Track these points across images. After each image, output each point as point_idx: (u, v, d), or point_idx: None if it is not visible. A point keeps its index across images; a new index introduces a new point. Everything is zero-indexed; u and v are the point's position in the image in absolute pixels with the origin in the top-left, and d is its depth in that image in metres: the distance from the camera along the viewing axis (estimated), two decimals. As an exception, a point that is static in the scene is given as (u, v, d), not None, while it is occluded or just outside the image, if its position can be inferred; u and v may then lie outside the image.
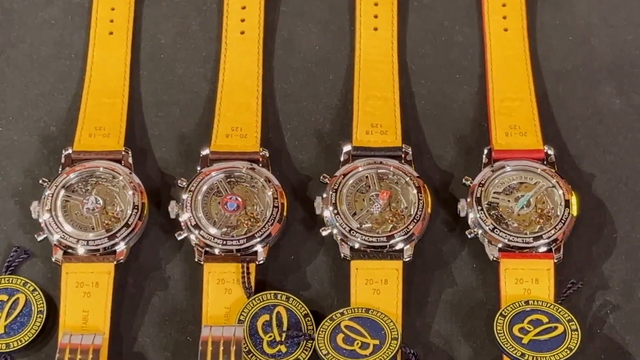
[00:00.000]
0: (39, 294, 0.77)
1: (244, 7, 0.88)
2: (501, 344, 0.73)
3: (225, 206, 0.79)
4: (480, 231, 0.78)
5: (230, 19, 0.87)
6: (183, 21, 0.88)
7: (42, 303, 0.76)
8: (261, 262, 0.77)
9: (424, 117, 0.84)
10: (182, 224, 0.78)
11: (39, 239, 0.78)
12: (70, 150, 0.81)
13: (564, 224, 0.77)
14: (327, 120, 0.84)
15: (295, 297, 0.76)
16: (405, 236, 0.77)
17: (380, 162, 0.80)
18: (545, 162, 0.80)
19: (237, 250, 0.77)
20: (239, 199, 0.79)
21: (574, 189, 0.79)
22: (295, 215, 0.80)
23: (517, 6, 0.87)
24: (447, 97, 0.85)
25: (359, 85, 0.84)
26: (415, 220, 0.78)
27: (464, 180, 0.80)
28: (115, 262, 0.77)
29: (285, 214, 0.79)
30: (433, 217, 0.79)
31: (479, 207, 0.78)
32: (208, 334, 0.73)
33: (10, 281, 0.77)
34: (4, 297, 0.77)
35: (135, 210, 0.78)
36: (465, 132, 0.83)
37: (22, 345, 0.75)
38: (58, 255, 0.77)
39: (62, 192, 0.79)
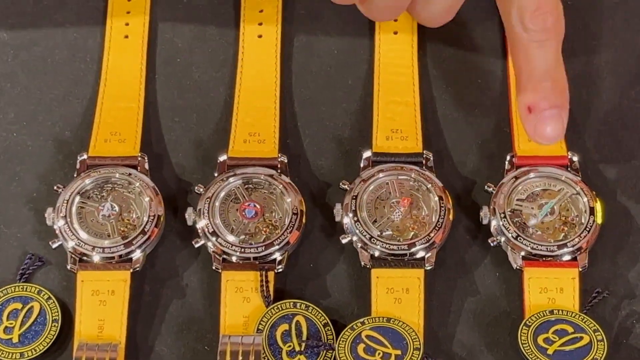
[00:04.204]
0: (53, 302, 0.76)
1: (261, 11, 0.87)
2: (526, 354, 0.72)
3: (244, 213, 0.77)
4: (503, 239, 0.77)
5: (247, 23, 0.86)
6: (199, 25, 0.87)
7: (57, 312, 0.75)
8: (280, 270, 0.76)
9: (446, 123, 0.83)
10: (199, 231, 0.77)
11: (54, 246, 0.77)
12: (85, 156, 0.80)
13: (588, 232, 0.76)
14: (346, 125, 0.83)
15: (314, 306, 0.75)
16: (427, 244, 0.76)
17: (401, 169, 0.79)
18: (569, 169, 0.79)
19: (255, 258, 0.76)
20: (258, 205, 0.78)
21: (598, 196, 0.78)
22: (314, 222, 0.79)
23: (539, 10, 0.86)
24: (468, 102, 0.84)
25: (378, 90, 0.83)
26: (436, 228, 0.76)
27: (486, 187, 0.79)
28: (131, 270, 0.76)
29: (304, 221, 0.77)
30: (455, 224, 0.78)
31: (502, 215, 0.77)
32: (226, 344, 0.72)
33: (25, 289, 0.76)
34: (18, 305, 0.76)
35: (151, 217, 0.77)
36: (487, 138, 0.82)
37: (36, 354, 0.74)
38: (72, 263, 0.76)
39: (78, 198, 0.78)
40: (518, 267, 0.76)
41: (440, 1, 0.79)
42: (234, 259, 0.76)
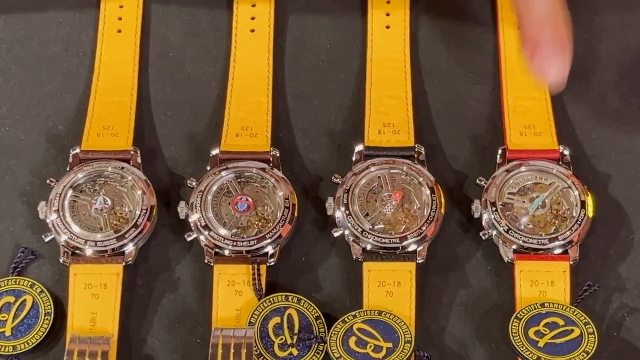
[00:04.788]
0: (46, 295, 0.76)
1: (254, 5, 0.87)
2: (517, 347, 0.73)
3: (236, 207, 0.78)
4: (494, 232, 0.77)
5: (240, 17, 0.86)
6: (192, 19, 0.87)
7: (50, 305, 0.75)
8: (272, 263, 0.77)
9: (437, 117, 0.83)
10: (192, 224, 0.77)
11: (47, 239, 0.77)
12: (78, 150, 0.80)
13: (579, 225, 0.76)
14: (338, 119, 0.83)
15: (306, 300, 0.75)
16: (419, 237, 0.76)
17: (393, 162, 0.79)
18: (560, 163, 0.79)
19: (248, 252, 0.76)
20: (250, 199, 0.78)
21: (589, 189, 0.78)
22: (306, 216, 0.79)
23: (532, 4, 0.86)
24: (460, 96, 0.84)
25: (370, 84, 0.83)
26: (428, 221, 0.77)
27: (478, 180, 0.79)
28: (123, 264, 0.76)
29: (296, 214, 0.78)
30: (447, 218, 0.78)
31: (494, 208, 0.77)
32: (218, 337, 0.72)
33: (17, 282, 0.76)
34: (11, 299, 0.76)
35: (144, 211, 0.77)
36: (479, 132, 0.82)
37: (29, 347, 0.74)
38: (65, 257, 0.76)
39: (70, 192, 0.78)
40: (509, 261, 0.76)
41: None
42: (226, 252, 0.77)
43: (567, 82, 0.82)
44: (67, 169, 0.79)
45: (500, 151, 0.80)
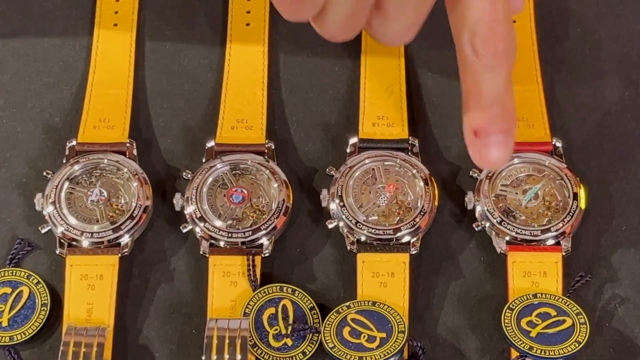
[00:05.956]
0: (42, 286, 0.76)
1: (249, -1, 0.87)
2: (509, 337, 0.73)
3: (231, 198, 0.78)
4: (487, 224, 0.77)
5: (235, 10, 0.87)
6: (188, 12, 0.88)
7: (46, 296, 0.76)
8: (267, 254, 0.77)
9: (431, 109, 0.83)
10: (187, 216, 0.78)
11: (43, 231, 0.77)
12: (74, 142, 0.80)
13: (572, 216, 0.77)
14: (333, 111, 0.83)
15: (301, 290, 0.76)
16: (412, 229, 0.77)
17: (387, 155, 0.79)
18: (553, 155, 0.79)
19: (243, 243, 0.77)
20: (245, 191, 0.78)
21: (582, 181, 0.78)
22: (301, 207, 0.80)
23: (524, -4, 0.86)
24: (453, 88, 0.84)
25: (365, 76, 0.84)
26: (422, 213, 0.77)
27: (471, 172, 0.79)
28: (119, 255, 0.77)
29: (291, 206, 0.78)
30: (440, 209, 0.79)
31: (487, 200, 0.77)
32: (213, 327, 0.72)
33: (14, 274, 0.77)
34: (8, 290, 0.76)
35: (139, 203, 0.77)
36: (472, 124, 0.82)
37: (25, 338, 0.74)
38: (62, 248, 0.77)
39: (67, 184, 0.78)
40: (502, 252, 0.77)
41: (399, 19, 0.72)
42: (221, 243, 0.77)
43: (560, 74, 0.83)
44: (64, 161, 0.80)
45: (493, 143, 0.80)
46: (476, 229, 0.78)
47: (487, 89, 0.70)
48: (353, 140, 0.80)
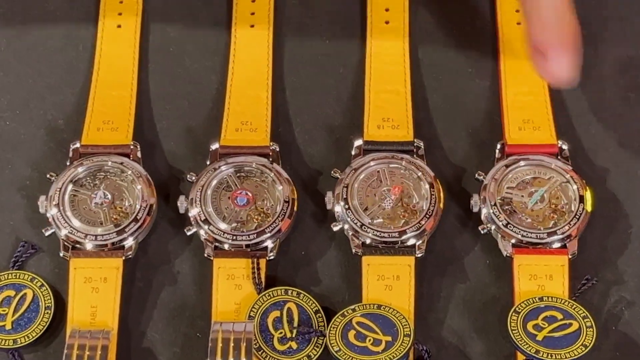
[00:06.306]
0: (46, 289, 0.76)
1: (253, 0, 0.87)
2: (515, 340, 0.73)
3: (235, 201, 0.78)
4: (493, 227, 0.77)
5: (239, 12, 0.87)
6: (192, 13, 0.87)
7: (50, 299, 0.76)
8: (271, 257, 0.77)
9: (436, 111, 0.83)
10: (192, 219, 0.77)
11: (47, 233, 0.77)
12: (78, 144, 0.80)
13: (578, 219, 0.76)
14: (337, 113, 0.83)
15: (306, 293, 0.76)
16: (417, 232, 0.76)
17: (392, 157, 0.79)
18: (559, 157, 0.79)
19: (247, 246, 0.77)
20: (249, 193, 0.78)
21: (588, 183, 0.78)
22: (305, 210, 0.79)
23: (531, -1, 0.86)
24: (459, 90, 0.84)
25: (369, 78, 0.83)
26: (427, 216, 0.77)
27: (476, 175, 0.79)
28: (123, 257, 0.77)
29: (295, 209, 0.78)
30: (445, 212, 0.78)
31: (492, 203, 0.77)
32: (218, 330, 0.72)
33: (18, 276, 0.76)
34: (11, 293, 0.76)
35: (144, 205, 0.77)
36: (477, 127, 0.82)
37: (29, 341, 0.74)
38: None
39: (70, 186, 0.78)
40: (508, 255, 0.76)
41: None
42: (225, 246, 0.77)
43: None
44: (67, 163, 0.79)
45: (499, 146, 0.80)
46: (482, 232, 0.77)
47: (546, 12, 0.74)
48: (358, 142, 0.80)
